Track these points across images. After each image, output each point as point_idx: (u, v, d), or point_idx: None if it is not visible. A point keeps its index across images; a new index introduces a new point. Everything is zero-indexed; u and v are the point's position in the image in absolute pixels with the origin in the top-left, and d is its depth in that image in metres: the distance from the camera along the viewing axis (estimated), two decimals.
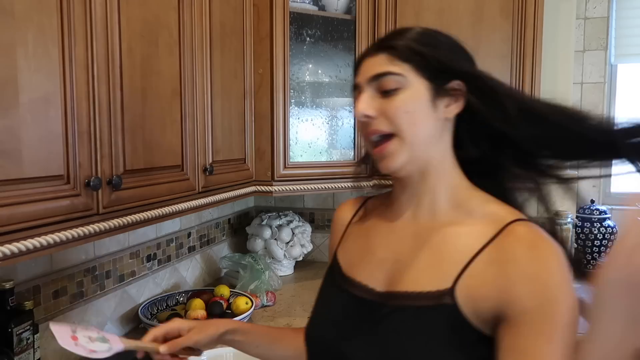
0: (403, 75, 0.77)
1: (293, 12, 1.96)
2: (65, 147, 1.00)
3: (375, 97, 0.79)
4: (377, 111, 0.78)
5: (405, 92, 0.77)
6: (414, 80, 0.78)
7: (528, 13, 2.02)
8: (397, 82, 0.77)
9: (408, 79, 0.77)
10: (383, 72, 0.78)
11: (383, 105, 0.78)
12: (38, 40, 0.93)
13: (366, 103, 0.79)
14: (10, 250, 0.86)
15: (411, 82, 0.77)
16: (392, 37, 0.82)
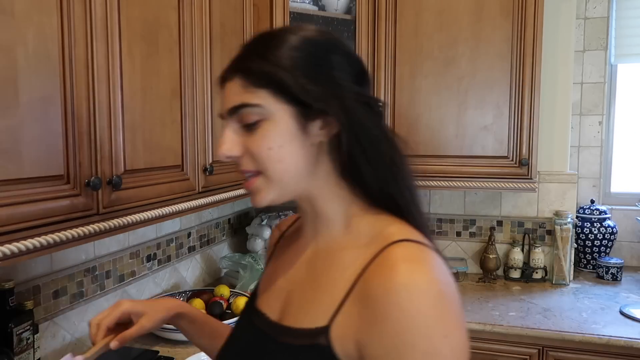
0: (261, 106, 0.66)
1: (293, 12, 1.96)
2: (65, 147, 1.00)
3: (238, 131, 0.69)
4: (241, 148, 0.69)
5: (267, 125, 0.66)
6: (274, 108, 0.66)
7: (528, 13, 2.02)
8: (257, 114, 0.66)
9: (268, 108, 0.66)
10: (239, 105, 0.67)
11: (247, 142, 0.68)
12: (38, 40, 0.93)
13: (228, 142, 0.69)
14: (10, 250, 0.86)
15: (272, 112, 0.66)
16: (248, 53, 0.70)
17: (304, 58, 0.67)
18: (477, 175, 2.11)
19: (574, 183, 2.37)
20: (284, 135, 0.67)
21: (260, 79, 0.66)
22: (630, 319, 1.86)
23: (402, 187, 0.71)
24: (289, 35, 0.69)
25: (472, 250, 2.50)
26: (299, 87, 0.66)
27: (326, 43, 0.70)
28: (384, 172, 0.69)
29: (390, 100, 2.18)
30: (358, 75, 0.71)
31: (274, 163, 0.67)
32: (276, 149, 0.67)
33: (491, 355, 1.84)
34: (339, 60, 0.69)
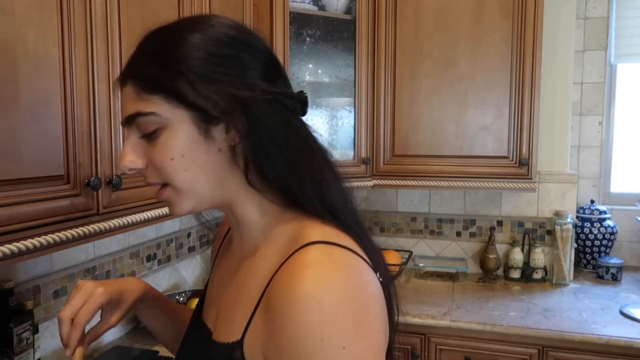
0: (155, 114, 0.60)
1: (293, 12, 1.96)
2: (65, 147, 1.00)
3: (139, 142, 0.64)
4: (145, 160, 0.64)
5: (166, 133, 0.61)
6: (171, 115, 0.61)
7: (528, 13, 2.02)
8: (154, 122, 0.61)
9: (163, 115, 0.61)
10: (133, 114, 0.62)
11: (148, 152, 0.63)
12: (38, 40, 0.93)
13: (129, 154, 0.64)
14: (10, 250, 0.86)
15: (169, 119, 0.61)
16: (139, 54, 0.64)
17: (199, 58, 0.61)
18: (477, 175, 2.11)
19: (574, 183, 2.37)
20: (185, 143, 0.61)
21: (151, 84, 0.61)
22: (630, 319, 1.86)
23: (321, 186, 0.65)
24: (184, 32, 0.62)
25: (472, 250, 2.50)
26: (192, 91, 0.60)
27: (227, 39, 0.63)
28: (295, 173, 0.64)
29: (390, 100, 2.18)
30: (267, 70, 0.64)
31: (179, 173, 0.62)
32: (178, 159, 0.62)
33: (491, 355, 1.84)
34: (242, 57, 0.63)
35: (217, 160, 0.63)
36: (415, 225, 2.57)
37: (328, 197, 0.65)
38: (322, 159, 0.67)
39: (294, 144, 0.64)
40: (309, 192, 0.64)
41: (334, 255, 0.59)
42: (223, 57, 0.62)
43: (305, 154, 0.65)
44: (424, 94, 2.15)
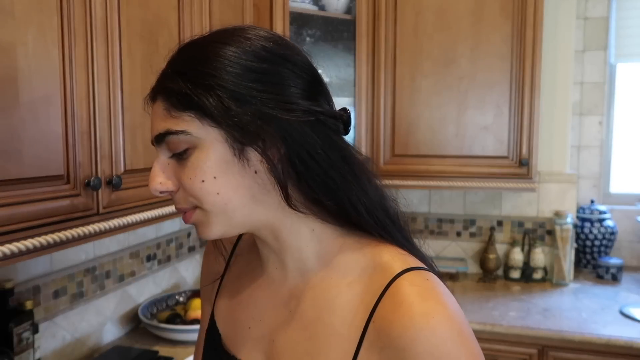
0: (186, 132, 0.57)
1: (293, 12, 1.96)
2: (65, 147, 1.00)
3: (168, 162, 0.60)
4: (176, 181, 0.60)
5: (197, 154, 0.58)
6: (202, 134, 0.57)
7: (528, 13, 2.02)
8: (184, 141, 0.57)
9: (194, 134, 0.57)
10: (163, 132, 0.58)
11: (178, 174, 0.59)
12: (38, 40, 0.93)
13: (159, 175, 0.60)
14: (10, 250, 0.86)
15: (200, 138, 0.57)
16: (170, 69, 0.60)
17: (233, 73, 0.57)
18: (477, 175, 2.11)
19: (574, 183, 2.37)
20: (217, 165, 0.57)
21: (181, 101, 0.57)
22: (630, 319, 1.86)
23: (370, 206, 0.62)
24: (217, 45, 0.59)
25: (472, 250, 2.50)
26: (225, 109, 0.56)
27: (264, 53, 0.59)
28: (345, 194, 0.60)
29: (390, 100, 2.18)
30: (307, 87, 0.60)
31: (210, 196, 0.58)
32: (210, 181, 0.57)
33: (491, 355, 1.84)
34: (280, 73, 0.58)
35: (253, 183, 0.59)
36: (415, 225, 2.57)
37: (388, 213, 0.64)
38: (368, 178, 0.64)
39: (339, 165, 0.60)
40: (363, 213, 0.61)
41: (431, 282, 0.59)
42: (259, 73, 0.57)
43: (352, 174, 0.61)
44: (424, 93, 2.15)
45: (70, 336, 1.51)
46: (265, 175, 0.59)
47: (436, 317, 0.54)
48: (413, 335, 0.54)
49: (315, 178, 0.59)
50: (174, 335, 1.63)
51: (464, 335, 0.55)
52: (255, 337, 0.67)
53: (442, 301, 0.56)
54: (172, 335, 1.63)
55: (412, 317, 0.54)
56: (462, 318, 0.57)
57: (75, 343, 1.52)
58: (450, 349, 0.54)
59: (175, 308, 1.84)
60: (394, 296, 0.57)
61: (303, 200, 0.61)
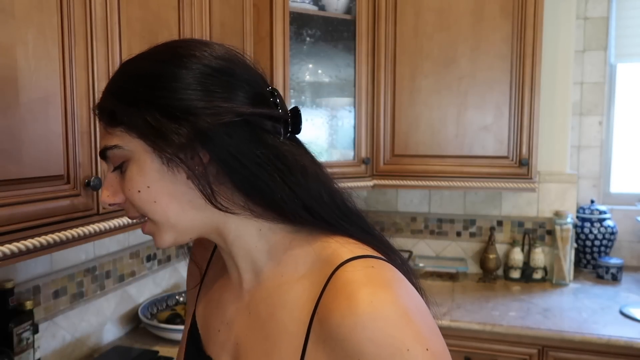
0: (118, 147, 0.60)
1: (293, 12, 1.96)
2: (65, 147, 1.00)
3: (115, 176, 0.63)
4: (121, 194, 0.63)
5: (131, 165, 0.60)
6: (132, 146, 0.60)
7: (528, 13, 2.02)
8: (119, 155, 0.61)
9: (126, 148, 0.60)
10: (102, 149, 0.62)
11: (122, 186, 0.63)
12: (38, 40, 0.93)
13: (108, 189, 0.64)
14: (10, 250, 0.86)
15: (132, 151, 0.60)
16: (106, 86, 0.63)
17: (145, 85, 0.59)
18: (477, 175, 2.11)
19: (574, 183, 2.37)
20: (149, 174, 0.60)
21: (111, 117, 0.60)
22: (630, 319, 1.86)
23: (308, 202, 0.62)
24: (133, 61, 0.62)
25: (472, 250, 2.50)
26: (145, 123, 0.58)
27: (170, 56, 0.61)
28: (275, 192, 0.60)
29: (390, 100, 2.18)
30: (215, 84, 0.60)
31: (149, 205, 0.61)
32: (145, 190, 0.60)
33: (491, 355, 1.84)
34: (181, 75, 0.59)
35: (187, 189, 0.60)
36: (415, 225, 2.57)
37: (325, 208, 0.63)
38: (306, 173, 0.63)
39: (269, 163, 0.60)
40: (299, 209, 0.61)
41: (376, 268, 0.58)
42: (162, 80, 0.59)
43: (285, 171, 0.61)
44: (424, 93, 2.15)
45: (70, 336, 1.51)
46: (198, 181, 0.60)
47: (375, 302, 0.53)
48: (352, 323, 0.53)
49: (244, 179, 0.60)
50: (174, 335, 1.63)
51: (408, 317, 0.54)
52: (223, 340, 0.69)
53: (385, 286, 0.56)
54: (172, 335, 1.63)
55: (350, 304, 0.54)
56: (410, 301, 0.56)
57: (75, 343, 1.52)
58: (392, 332, 0.52)
59: (175, 308, 1.84)
60: (335, 285, 0.57)
61: (238, 200, 0.61)
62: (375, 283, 0.56)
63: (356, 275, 0.57)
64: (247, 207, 0.62)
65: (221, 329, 0.70)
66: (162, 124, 0.58)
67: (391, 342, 0.52)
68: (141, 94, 0.59)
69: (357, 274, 0.57)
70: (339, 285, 0.56)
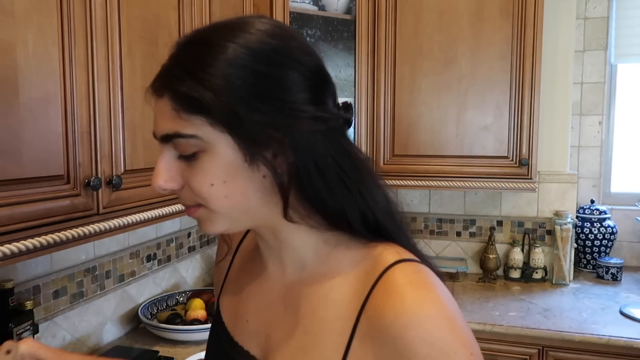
0: (196, 137, 0.56)
1: (293, 12, 1.96)
2: (65, 147, 1.00)
3: (174, 160, 0.59)
4: (180, 180, 0.60)
5: (206, 157, 0.57)
6: (213, 138, 0.56)
7: (528, 13, 2.02)
8: (193, 145, 0.57)
9: (205, 139, 0.56)
10: (171, 134, 0.57)
11: (185, 173, 0.59)
12: (38, 40, 0.93)
13: (164, 173, 0.59)
14: (10, 250, 0.86)
15: (211, 143, 0.56)
16: (177, 66, 0.58)
17: (244, 77, 0.55)
18: (477, 175, 2.11)
19: (574, 183, 2.37)
20: (227, 170, 0.57)
21: (191, 104, 0.55)
22: (630, 319, 1.86)
23: (374, 208, 0.62)
24: (227, 44, 0.56)
25: (472, 250, 2.50)
26: (237, 115, 0.55)
27: (273, 53, 0.57)
28: (349, 197, 0.60)
29: (390, 100, 2.18)
30: (315, 89, 0.59)
31: (218, 199, 0.58)
32: (219, 185, 0.57)
33: (491, 355, 1.84)
34: (288, 77, 0.57)
35: (260, 187, 0.59)
36: (415, 225, 2.57)
37: (386, 222, 0.63)
38: (375, 182, 0.64)
39: (349, 173, 0.60)
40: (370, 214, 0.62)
41: (423, 273, 0.59)
42: (269, 78, 0.56)
43: (361, 182, 0.61)
44: (424, 93, 2.15)
45: (70, 336, 1.51)
46: (274, 180, 0.59)
47: (427, 304, 0.54)
48: (405, 322, 0.53)
49: (320, 187, 0.58)
50: (174, 335, 1.63)
51: (456, 323, 0.55)
52: (252, 331, 0.68)
53: (434, 290, 0.56)
54: (172, 335, 1.63)
55: (404, 304, 0.54)
56: (455, 308, 0.57)
57: (75, 343, 1.52)
58: (443, 334, 0.53)
59: (175, 308, 1.84)
60: (385, 286, 0.57)
61: (302, 209, 0.61)
62: (425, 287, 0.57)
63: (407, 278, 0.57)
64: (307, 218, 0.61)
65: (250, 320, 0.69)
66: (251, 121, 0.55)
67: (442, 344, 0.53)
68: (232, 86, 0.55)
69: (407, 276, 0.57)
70: (389, 285, 0.57)
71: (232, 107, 0.55)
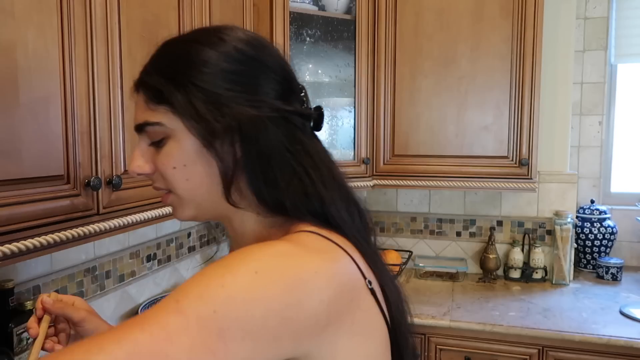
0: (161, 124, 0.63)
1: (293, 12, 1.96)
2: (65, 147, 1.00)
3: (147, 148, 0.67)
4: (152, 166, 0.67)
5: (171, 143, 0.64)
6: (175, 126, 0.63)
7: (528, 13, 2.02)
8: (160, 132, 0.64)
9: (169, 126, 0.63)
10: (142, 123, 0.65)
11: (155, 159, 0.66)
12: (38, 40, 0.93)
13: (138, 159, 0.67)
14: (10, 250, 0.86)
15: (175, 130, 0.63)
16: (150, 64, 0.67)
17: (207, 73, 0.62)
18: (477, 175, 2.11)
19: (574, 183, 2.37)
20: (187, 154, 0.63)
21: (157, 95, 0.64)
22: (630, 319, 1.86)
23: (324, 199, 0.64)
24: (195, 46, 0.64)
25: (472, 250, 2.50)
26: (196, 105, 0.61)
27: (238, 55, 0.64)
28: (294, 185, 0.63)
29: (390, 100, 2.18)
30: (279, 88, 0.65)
31: (181, 182, 0.65)
32: (180, 168, 0.64)
33: (491, 355, 1.84)
34: (252, 75, 0.64)
35: (217, 173, 0.64)
36: (415, 225, 2.57)
37: (332, 212, 0.65)
38: (329, 176, 0.66)
39: (300, 159, 0.64)
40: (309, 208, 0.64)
41: (311, 237, 0.60)
42: (232, 74, 0.63)
43: (313, 167, 0.65)
44: (424, 93, 2.15)
45: None
46: (237, 166, 0.64)
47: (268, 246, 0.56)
48: None
49: (265, 175, 0.63)
50: None
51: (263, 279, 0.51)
52: None
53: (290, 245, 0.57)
54: None
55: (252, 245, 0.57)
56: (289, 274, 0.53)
57: None
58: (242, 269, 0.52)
59: None
60: None
61: (249, 195, 0.65)
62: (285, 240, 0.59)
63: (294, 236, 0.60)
64: (253, 204, 0.65)
65: None
66: (207, 111, 0.61)
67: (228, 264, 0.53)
68: (190, 78, 0.62)
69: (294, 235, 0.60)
70: None
71: (190, 98, 0.62)
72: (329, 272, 0.56)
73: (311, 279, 0.54)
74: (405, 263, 2.40)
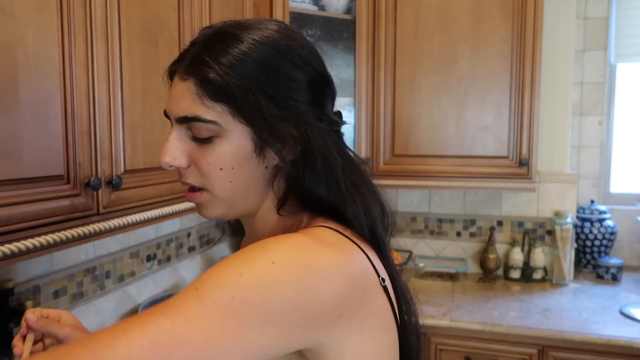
0: (217, 124, 0.60)
1: (293, 12, 1.96)
2: (65, 147, 1.00)
3: (185, 140, 0.63)
4: (187, 159, 0.64)
5: (221, 143, 0.61)
6: (231, 127, 0.60)
7: (528, 13, 2.02)
8: (211, 130, 0.60)
9: (223, 126, 0.60)
10: (191, 117, 0.61)
11: (195, 154, 0.63)
12: (38, 40, 0.93)
13: (173, 150, 0.63)
14: (10, 250, 0.86)
15: (229, 131, 0.60)
16: (205, 54, 0.61)
17: (267, 74, 0.60)
18: (477, 175, 2.11)
19: (574, 183, 2.37)
20: (237, 157, 0.61)
21: (217, 92, 0.59)
22: (630, 319, 1.86)
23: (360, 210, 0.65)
24: (253, 42, 0.61)
25: (472, 250, 2.50)
26: (259, 109, 0.59)
27: (299, 62, 0.63)
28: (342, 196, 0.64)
29: (390, 100, 2.18)
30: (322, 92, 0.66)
31: (223, 183, 0.63)
32: (227, 170, 0.62)
33: (491, 355, 1.84)
34: (303, 79, 0.63)
35: (260, 177, 0.64)
36: (415, 225, 2.57)
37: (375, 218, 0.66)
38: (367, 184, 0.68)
39: (346, 169, 0.65)
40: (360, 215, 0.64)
41: (327, 232, 0.60)
42: (294, 82, 0.62)
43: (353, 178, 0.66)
44: (424, 94, 2.15)
45: None
46: (272, 172, 0.64)
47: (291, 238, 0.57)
48: None
49: (318, 179, 0.63)
50: None
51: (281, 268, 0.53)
52: None
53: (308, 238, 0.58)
54: None
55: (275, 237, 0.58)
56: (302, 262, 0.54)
57: None
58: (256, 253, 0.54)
59: None
60: None
61: (294, 202, 0.65)
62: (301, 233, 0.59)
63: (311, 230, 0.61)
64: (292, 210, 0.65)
65: None
66: (273, 116, 0.60)
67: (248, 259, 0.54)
68: (258, 82, 0.60)
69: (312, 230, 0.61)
70: None
71: (256, 100, 0.59)
72: (342, 265, 0.57)
73: (325, 269, 0.55)
74: (405, 263, 2.40)
